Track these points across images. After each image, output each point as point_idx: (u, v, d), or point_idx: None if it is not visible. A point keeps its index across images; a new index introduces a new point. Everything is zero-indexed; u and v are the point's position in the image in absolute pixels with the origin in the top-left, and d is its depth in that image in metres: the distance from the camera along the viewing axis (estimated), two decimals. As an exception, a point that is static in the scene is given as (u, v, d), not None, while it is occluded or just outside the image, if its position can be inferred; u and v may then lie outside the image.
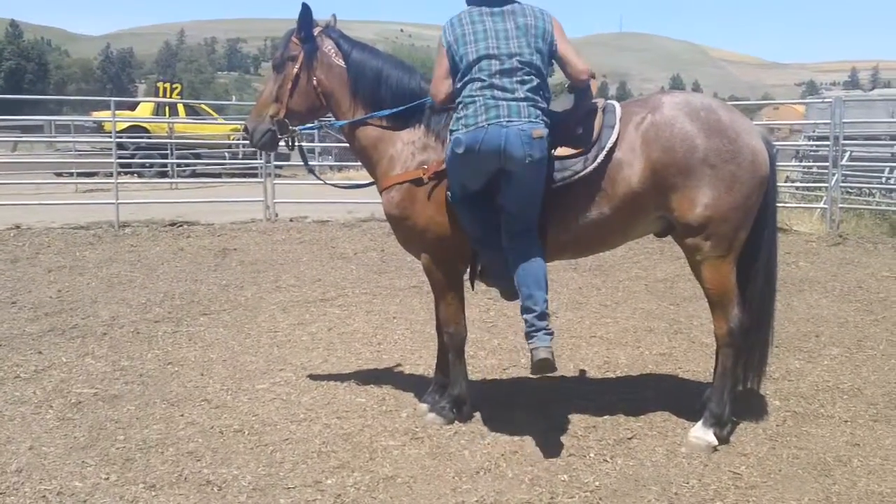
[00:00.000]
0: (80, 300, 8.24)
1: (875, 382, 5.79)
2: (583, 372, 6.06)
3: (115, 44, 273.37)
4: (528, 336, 4.45)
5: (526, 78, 4.35)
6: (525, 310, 4.47)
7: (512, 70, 4.33)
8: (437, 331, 5.21)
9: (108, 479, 4.21)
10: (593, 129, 4.51)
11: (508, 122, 4.26)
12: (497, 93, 4.31)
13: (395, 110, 4.85)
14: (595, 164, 4.46)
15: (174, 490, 4.09)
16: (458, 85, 4.45)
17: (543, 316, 4.44)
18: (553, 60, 4.53)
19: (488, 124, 4.26)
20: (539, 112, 4.35)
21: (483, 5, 4.47)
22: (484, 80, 4.33)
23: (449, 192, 4.60)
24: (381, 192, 4.93)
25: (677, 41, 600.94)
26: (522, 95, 4.32)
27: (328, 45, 4.95)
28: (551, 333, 4.46)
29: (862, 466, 4.41)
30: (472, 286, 5.05)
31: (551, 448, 4.60)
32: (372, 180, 5.19)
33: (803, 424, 5.00)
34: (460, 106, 4.41)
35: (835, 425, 4.99)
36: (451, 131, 4.43)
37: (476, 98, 4.33)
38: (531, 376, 5.83)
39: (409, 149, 4.80)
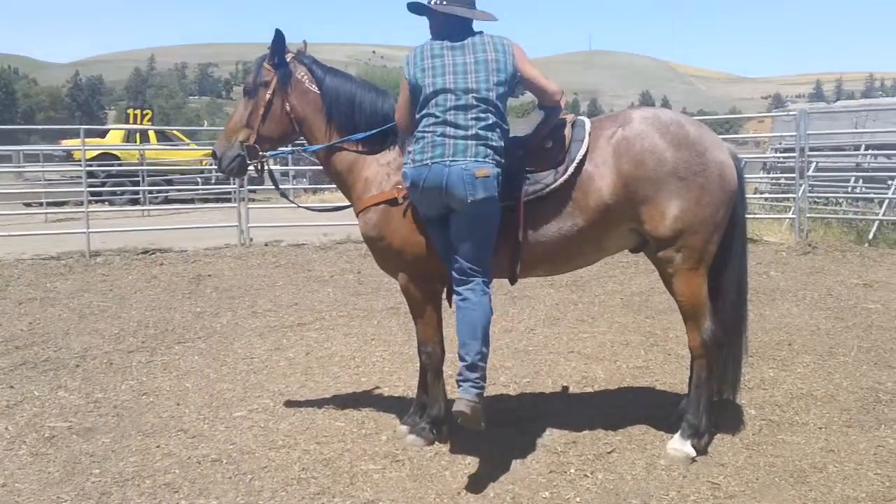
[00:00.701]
0: (52, 332, 8.16)
1: (847, 388, 5.86)
2: (562, 388, 6.08)
3: (84, 71, 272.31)
4: (457, 384, 4.40)
5: (481, 115, 4.32)
6: (459, 357, 4.42)
7: (467, 106, 4.31)
8: (418, 351, 5.21)
9: (85, 512, 4.17)
10: (563, 142, 4.56)
11: (452, 161, 4.24)
12: (448, 129, 4.31)
13: (368, 133, 4.87)
14: (566, 176, 4.51)
15: (153, 521, 4.06)
16: (417, 117, 4.47)
17: (474, 367, 4.34)
18: (522, 87, 4.56)
19: (432, 162, 4.26)
20: (489, 151, 4.31)
21: (445, 39, 4.47)
22: (437, 117, 4.33)
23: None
24: (357, 215, 4.94)
25: (645, 58, 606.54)
26: (473, 133, 4.29)
27: (301, 71, 4.96)
28: (479, 387, 4.33)
29: (837, 472, 4.46)
30: (451, 304, 5.05)
31: (532, 465, 4.62)
32: (345, 203, 5.20)
33: (779, 432, 5.05)
34: (413, 140, 4.44)
35: (810, 432, 5.04)
36: (404, 164, 4.47)
37: (426, 134, 4.34)
38: (510, 394, 5.88)
39: (384, 170, 4.82)
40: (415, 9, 4.60)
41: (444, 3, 4.45)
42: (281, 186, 5.81)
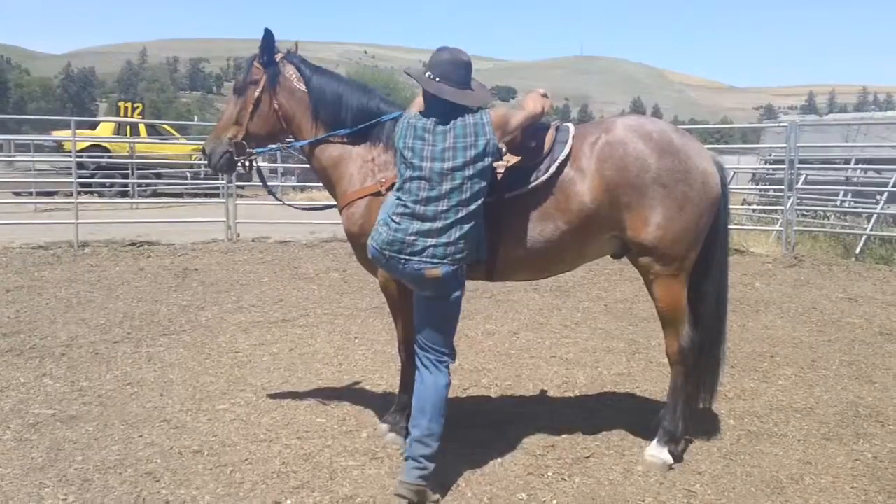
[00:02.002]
0: (39, 320, 8.16)
1: (827, 402, 5.92)
2: (542, 391, 6.12)
3: (76, 62, 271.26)
4: (404, 458, 4.35)
5: (451, 206, 4.20)
6: (408, 429, 4.42)
7: (439, 197, 4.19)
8: (399, 351, 5.24)
9: (65, 500, 4.18)
10: (545, 142, 4.60)
11: (407, 259, 4.19)
12: (413, 224, 4.20)
13: (353, 129, 4.89)
14: (546, 175, 4.54)
15: (132, 511, 4.08)
16: (395, 186, 4.40)
17: (421, 443, 4.25)
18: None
19: (389, 255, 4.23)
20: (449, 249, 4.19)
21: (433, 115, 4.31)
22: (407, 207, 4.22)
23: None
24: (340, 211, 4.97)
25: (638, 65, 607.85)
26: (438, 227, 4.18)
27: (290, 70, 5.00)
28: (423, 468, 4.20)
29: (814, 484, 4.50)
30: None
31: (510, 467, 4.65)
32: (332, 203, 5.22)
33: (757, 443, 5.09)
34: (383, 216, 4.34)
35: (788, 444, 5.09)
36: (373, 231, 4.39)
37: (390, 221, 4.25)
38: (491, 396, 5.91)
39: (368, 167, 4.85)
40: (412, 74, 4.59)
41: (437, 79, 4.32)
42: (269, 184, 5.82)
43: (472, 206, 4.23)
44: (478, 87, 4.44)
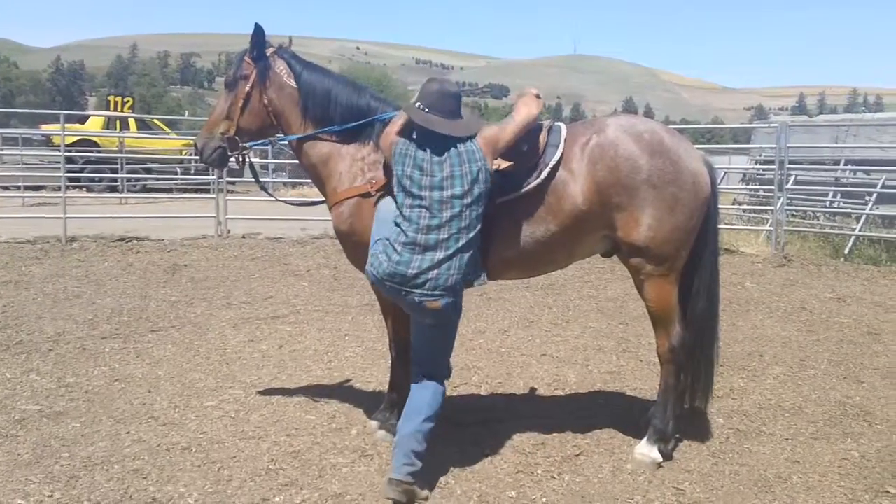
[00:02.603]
0: (26, 315, 8.11)
1: (816, 401, 5.93)
2: (532, 390, 6.12)
3: (65, 56, 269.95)
4: (393, 454, 4.33)
5: (452, 235, 4.24)
6: (398, 427, 4.42)
7: (440, 226, 4.23)
8: (390, 348, 5.23)
9: (52, 496, 4.16)
10: (538, 146, 4.59)
11: (408, 292, 4.22)
12: (416, 253, 4.22)
13: (343, 127, 4.88)
14: (539, 180, 4.54)
15: (119, 507, 4.06)
16: (395, 216, 4.39)
17: (414, 440, 4.27)
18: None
19: (390, 285, 4.25)
20: (450, 278, 4.23)
21: (426, 145, 4.34)
22: (408, 237, 4.24)
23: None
24: (330, 209, 4.96)
25: (630, 64, 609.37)
26: (440, 258, 4.22)
27: (280, 66, 4.98)
28: (413, 464, 4.21)
29: (801, 483, 4.51)
30: None
31: (500, 465, 4.65)
32: (322, 199, 5.21)
33: (745, 442, 5.11)
34: (381, 243, 4.35)
35: (776, 443, 5.10)
36: (371, 254, 4.39)
37: (392, 253, 4.26)
38: (481, 394, 5.90)
39: (358, 165, 4.84)
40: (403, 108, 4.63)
41: (426, 110, 4.36)
42: (260, 179, 5.80)
43: (472, 234, 4.29)
44: (468, 115, 4.50)
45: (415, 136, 4.41)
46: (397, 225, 4.31)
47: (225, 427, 5.20)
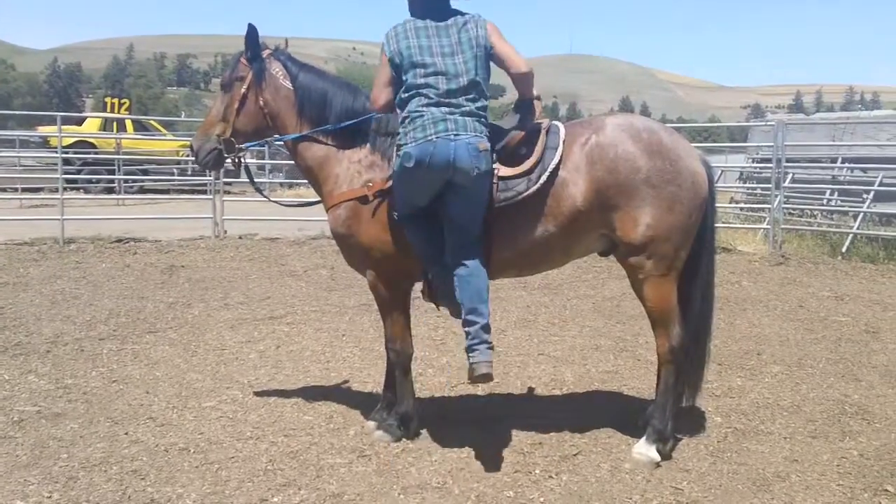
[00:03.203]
0: (24, 317, 8.11)
1: (814, 399, 5.93)
2: (530, 389, 6.11)
3: (62, 58, 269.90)
4: (470, 349, 4.48)
5: (472, 95, 4.45)
6: (467, 323, 4.50)
7: (458, 89, 4.41)
8: (386, 348, 5.23)
9: (50, 497, 4.15)
10: (536, 150, 4.59)
11: (456, 135, 4.34)
12: (444, 108, 4.39)
13: (339, 125, 4.88)
14: (538, 185, 4.53)
15: (117, 509, 4.06)
16: (404, 96, 4.51)
17: (487, 328, 4.49)
18: (491, 62, 4.60)
19: (437, 137, 4.33)
20: (483, 127, 4.46)
21: (427, 18, 4.53)
22: (432, 98, 4.39)
23: (396, 213, 4.64)
24: (327, 211, 4.96)
25: (626, 63, 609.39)
26: (468, 110, 4.41)
27: (276, 67, 4.98)
28: (492, 347, 4.51)
29: (800, 482, 4.51)
30: (426, 297, 5.05)
31: (497, 465, 4.64)
32: (318, 200, 5.21)
33: (744, 441, 5.10)
34: (407, 120, 4.46)
35: (774, 441, 5.09)
36: (399, 146, 4.47)
37: (424, 112, 4.39)
38: (479, 394, 5.90)
39: (354, 168, 4.84)
40: None
41: None
42: (256, 180, 5.80)
43: (486, 91, 4.56)
44: None
45: (411, 16, 4.60)
46: (420, 96, 4.44)
47: (223, 428, 5.19)
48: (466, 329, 4.50)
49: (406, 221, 4.61)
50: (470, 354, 4.48)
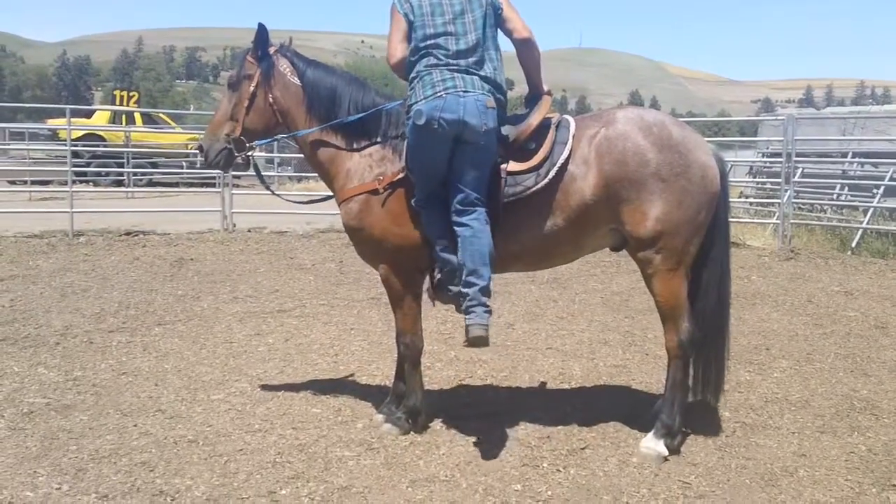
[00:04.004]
0: (33, 309, 8.14)
1: (823, 394, 5.91)
2: (538, 383, 6.11)
3: (71, 51, 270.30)
4: (468, 311, 4.48)
5: (482, 55, 4.54)
6: (467, 284, 4.49)
7: (468, 50, 4.51)
8: (396, 342, 5.23)
9: (60, 489, 4.17)
10: (546, 144, 4.59)
11: (465, 92, 4.42)
12: (454, 68, 4.49)
13: (350, 118, 4.87)
14: (547, 179, 4.53)
15: (127, 500, 4.07)
16: (413, 58, 4.60)
17: (486, 291, 4.49)
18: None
19: (446, 94, 4.41)
20: (491, 87, 4.54)
21: None
22: (440, 59, 4.50)
23: (413, 198, 4.65)
24: (339, 205, 4.96)
25: (636, 57, 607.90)
26: (475, 70, 4.51)
27: (283, 64, 4.98)
28: (490, 311, 4.52)
29: (808, 477, 4.50)
30: (432, 302, 5.05)
31: (505, 458, 4.65)
32: (328, 194, 5.22)
33: (752, 435, 5.09)
34: (416, 80, 4.55)
35: (783, 436, 5.08)
36: (410, 106, 4.53)
37: (432, 71, 4.49)
38: (487, 388, 5.90)
39: (366, 161, 4.84)
40: None
41: None
42: (265, 174, 5.81)
43: (497, 49, 4.63)
44: None
45: None
46: (430, 55, 4.53)
47: (231, 420, 5.21)
48: (465, 290, 4.50)
49: (423, 206, 4.61)
50: (467, 316, 4.48)
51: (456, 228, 4.54)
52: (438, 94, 4.41)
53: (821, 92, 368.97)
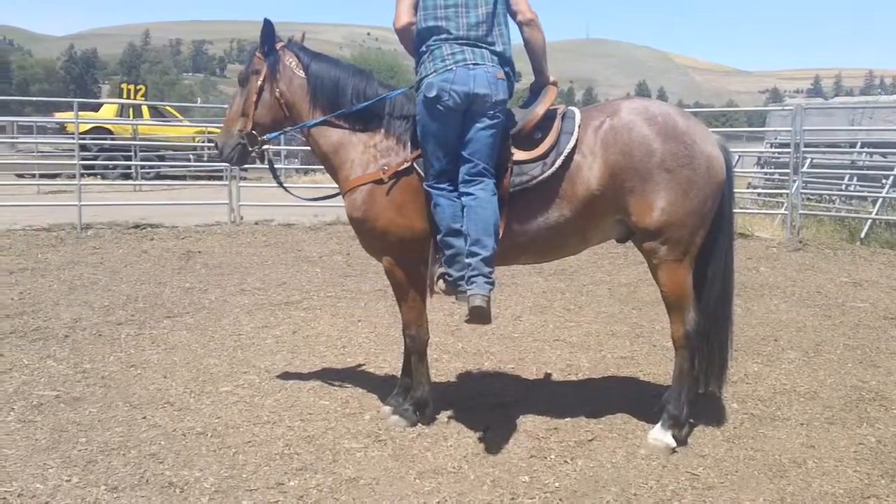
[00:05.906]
0: (42, 302, 8.17)
1: (831, 386, 5.90)
2: (545, 375, 6.11)
3: (78, 44, 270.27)
4: (469, 280, 4.45)
5: (491, 29, 4.58)
6: (470, 254, 4.47)
7: (478, 24, 4.54)
8: (403, 334, 5.24)
9: (69, 481, 4.19)
10: (552, 133, 4.59)
11: (475, 64, 4.47)
12: (462, 41, 4.53)
13: (354, 108, 4.88)
14: (553, 168, 4.54)
15: (136, 492, 4.08)
16: (423, 27, 4.63)
17: (489, 261, 4.46)
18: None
19: (455, 66, 4.46)
20: (496, 58, 4.59)
21: None
22: (451, 33, 4.54)
23: (425, 181, 4.65)
24: (343, 196, 4.97)
25: (643, 48, 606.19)
26: (485, 43, 4.56)
27: (289, 58, 5.02)
28: (492, 283, 4.50)
29: (816, 468, 4.49)
30: (430, 293, 5.04)
31: (513, 450, 4.65)
32: (338, 191, 5.23)
33: (760, 427, 5.08)
34: (425, 55, 4.61)
35: (791, 428, 5.08)
36: (421, 80, 4.58)
37: (442, 45, 4.54)
38: (495, 379, 5.90)
39: (370, 152, 4.84)
40: None
41: None
42: (277, 173, 5.86)
43: (506, 22, 4.67)
44: None
45: None
46: (438, 29, 4.57)
47: (240, 412, 5.22)
48: (468, 260, 4.48)
49: (434, 186, 4.58)
50: (468, 287, 4.46)
51: (463, 199, 4.54)
52: (448, 67, 4.46)
53: (829, 82, 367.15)
